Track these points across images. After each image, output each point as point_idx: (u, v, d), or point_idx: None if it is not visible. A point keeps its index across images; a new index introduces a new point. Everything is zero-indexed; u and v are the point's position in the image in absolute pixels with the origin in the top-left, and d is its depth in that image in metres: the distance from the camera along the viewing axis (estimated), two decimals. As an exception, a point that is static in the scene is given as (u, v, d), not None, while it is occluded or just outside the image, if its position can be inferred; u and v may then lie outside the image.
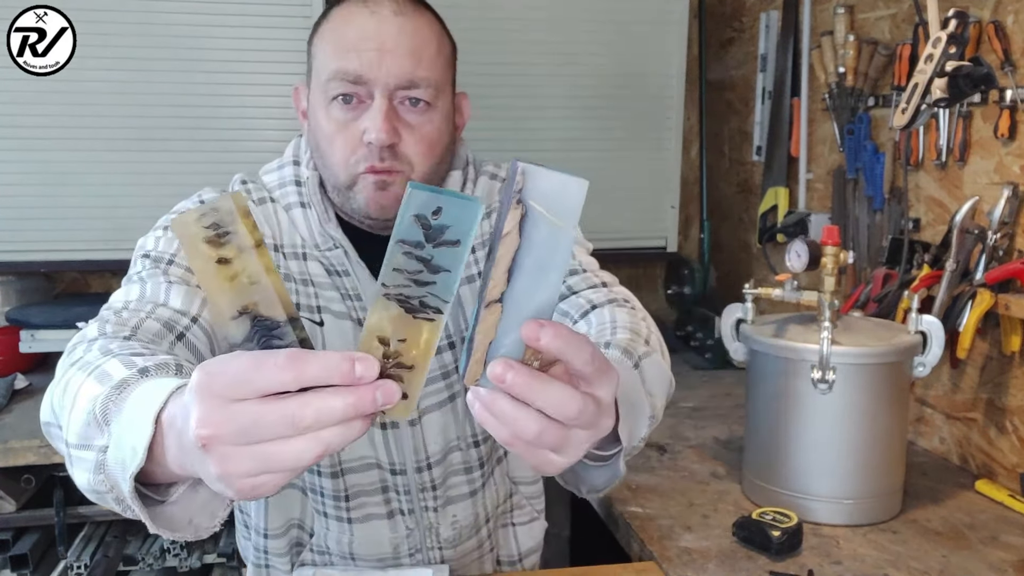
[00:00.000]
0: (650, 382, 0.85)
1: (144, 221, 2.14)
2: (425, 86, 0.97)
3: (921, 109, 1.41)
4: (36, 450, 1.73)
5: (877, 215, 1.84)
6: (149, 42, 2.09)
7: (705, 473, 1.60)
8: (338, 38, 0.97)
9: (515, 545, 1.32)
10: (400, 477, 1.11)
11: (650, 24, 2.38)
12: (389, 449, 1.10)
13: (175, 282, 0.94)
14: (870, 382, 1.37)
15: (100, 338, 0.81)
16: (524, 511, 1.32)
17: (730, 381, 2.17)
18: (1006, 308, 1.45)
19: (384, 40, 0.95)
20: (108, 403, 0.65)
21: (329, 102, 0.98)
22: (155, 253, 1.01)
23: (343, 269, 1.04)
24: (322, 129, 1.00)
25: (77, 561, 1.85)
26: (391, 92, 0.96)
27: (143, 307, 0.89)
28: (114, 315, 0.88)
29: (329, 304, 1.04)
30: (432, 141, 1.00)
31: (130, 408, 0.63)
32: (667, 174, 2.48)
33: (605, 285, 1.09)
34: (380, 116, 0.95)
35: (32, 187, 2.09)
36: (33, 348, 1.98)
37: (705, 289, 2.48)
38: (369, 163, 0.97)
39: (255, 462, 0.53)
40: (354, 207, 1.01)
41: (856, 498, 1.39)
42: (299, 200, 1.05)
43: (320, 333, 1.03)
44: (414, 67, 0.96)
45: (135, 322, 0.86)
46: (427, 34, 0.98)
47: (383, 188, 0.98)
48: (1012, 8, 1.49)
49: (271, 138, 2.20)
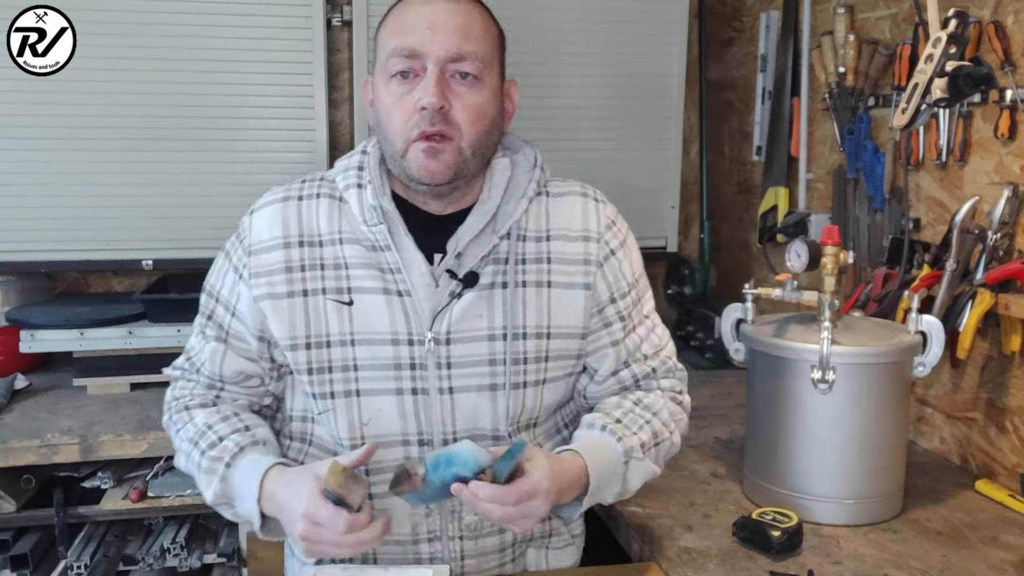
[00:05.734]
0: (631, 478, 1.16)
1: (144, 221, 2.16)
2: (472, 59, 1.09)
3: (921, 109, 1.41)
4: (36, 450, 1.73)
5: (877, 215, 1.84)
6: (149, 42, 2.09)
7: (705, 473, 1.60)
8: (396, 23, 1.11)
9: (545, 565, 1.29)
10: (427, 448, 1.15)
11: (650, 24, 2.38)
12: (419, 419, 1.15)
13: (229, 345, 1.20)
14: (870, 382, 1.37)
15: (192, 410, 1.21)
16: (561, 537, 1.29)
17: (730, 381, 2.17)
18: (1006, 308, 1.45)
19: (435, 20, 1.08)
20: (224, 493, 1.13)
21: (389, 79, 1.10)
22: (208, 287, 1.24)
23: (385, 244, 1.13)
24: (383, 104, 1.11)
25: (77, 561, 1.85)
26: (442, 64, 1.07)
27: (210, 373, 1.22)
28: (195, 376, 1.24)
29: (361, 283, 1.14)
30: (480, 111, 1.10)
31: (238, 491, 1.11)
32: (667, 174, 2.48)
33: (660, 353, 1.26)
34: (432, 83, 1.06)
35: (32, 187, 2.09)
36: (33, 348, 1.98)
37: (705, 289, 2.48)
38: (421, 128, 1.07)
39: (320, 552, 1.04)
40: (409, 174, 1.11)
41: (856, 498, 1.39)
42: (356, 182, 1.16)
43: (348, 312, 1.13)
44: (461, 42, 1.08)
45: (214, 394, 1.23)
46: (474, 17, 1.12)
47: (433, 156, 1.08)
48: (1012, 8, 1.49)
49: (271, 138, 2.20)
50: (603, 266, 1.19)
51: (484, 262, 1.14)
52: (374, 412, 1.14)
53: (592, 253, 1.19)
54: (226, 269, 1.20)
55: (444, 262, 1.13)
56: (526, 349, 1.15)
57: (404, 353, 1.13)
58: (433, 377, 1.14)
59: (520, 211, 1.16)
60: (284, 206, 1.17)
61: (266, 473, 1.07)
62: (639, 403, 1.22)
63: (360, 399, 1.14)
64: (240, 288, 1.17)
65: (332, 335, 1.14)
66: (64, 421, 1.83)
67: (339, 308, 1.13)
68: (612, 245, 1.21)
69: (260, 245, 1.16)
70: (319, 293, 1.14)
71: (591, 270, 1.18)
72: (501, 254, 1.15)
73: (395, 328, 1.13)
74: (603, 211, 1.22)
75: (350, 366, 1.14)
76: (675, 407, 1.25)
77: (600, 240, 1.19)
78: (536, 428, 1.23)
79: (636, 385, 1.25)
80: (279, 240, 1.15)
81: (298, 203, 1.17)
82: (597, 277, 1.19)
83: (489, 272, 1.14)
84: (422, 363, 1.13)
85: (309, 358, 1.14)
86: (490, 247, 1.14)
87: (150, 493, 1.86)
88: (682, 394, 1.29)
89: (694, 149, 2.63)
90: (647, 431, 1.18)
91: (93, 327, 1.99)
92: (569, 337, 1.19)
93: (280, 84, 2.18)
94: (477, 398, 1.15)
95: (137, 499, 1.85)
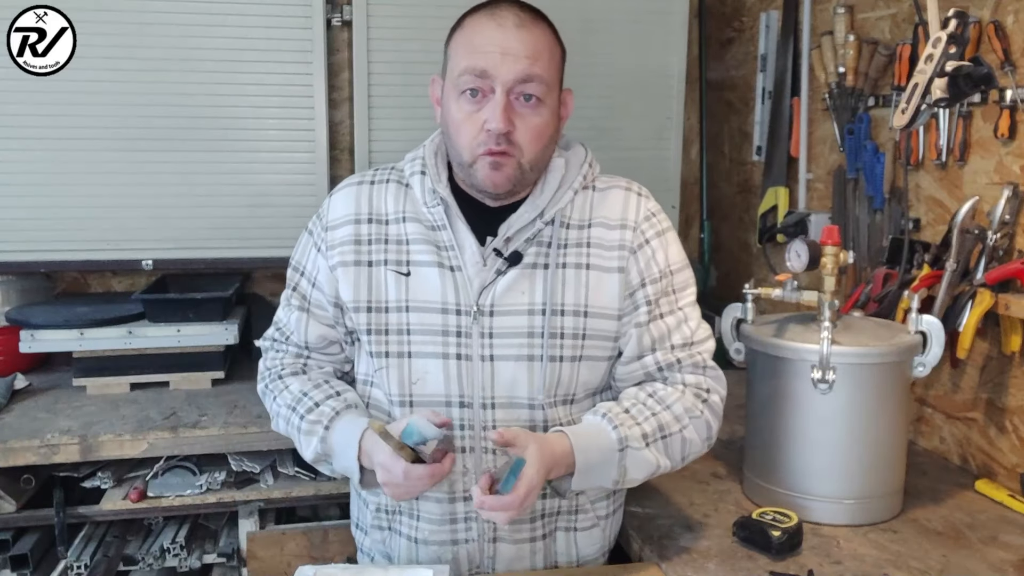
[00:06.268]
0: (629, 467, 1.21)
1: (144, 221, 2.16)
2: (538, 82, 1.19)
3: (921, 109, 1.41)
4: (36, 450, 1.73)
5: (877, 215, 1.84)
6: (149, 42, 2.09)
7: (705, 473, 1.60)
8: (469, 42, 1.20)
9: (575, 551, 1.34)
10: (467, 410, 1.26)
11: (650, 24, 2.37)
12: (461, 382, 1.25)
13: (311, 314, 1.34)
14: (870, 382, 1.37)
15: (286, 378, 1.35)
16: (587, 516, 1.34)
17: (730, 381, 2.14)
18: (1006, 308, 1.45)
19: (507, 45, 1.17)
20: (324, 452, 1.27)
21: (459, 95, 1.20)
22: (294, 262, 1.36)
23: (442, 224, 1.25)
24: (452, 117, 1.21)
25: (77, 561, 1.85)
26: (509, 87, 1.17)
27: (298, 340, 1.36)
28: (284, 347, 1.38)
29: (419, 256, 1.26)
30: (540, 132, 1.21)
31: (338, 450, 1.25)
32: (667, 174, 2.47)
33: (689, 346, 1.30)
34: (499, 109, 1.16)
35: (32, 187, 2.09)
36: (33, 348, 1.98)
37: (705, 289, 2.48)
38: (487, 147, 1.18)
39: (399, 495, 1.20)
40: (474, 181, 1.23)
41: (856, 498, 1.39)
42: (420, 169, 1.29)
43: (405, 282, 1.26)
44: (529, 67, 1.17)
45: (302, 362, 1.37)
46: (542, 43, 1.21)
47: (497, 168, 1.19)
48: (1012, 8, 1.49)
49: (270, 138, 2.20)
50: (636, 253, 1.28)
51: (528, 244, 1.25)
52: (422, 373, 1.26)
53: (628, 240, 1.28)
54: (309, 245, 1.34)
55: (494, 243, 1.24)
56: (563, 325, 1.25)
57: (452, 321, 1.25)
58: (476, 345, 1.24)
59: (565, 200, 1.26)
60: (359, 188, 1.32)
61: (363, 434, 1.22)
62: (653, 395, 1.27)
63: (411, 360, 1.26)
64: (319, 261, 1.31)
65: (390, 301, 1.27)
66: (64, 421, 1.83)
67: (398, 278, 1.26)
68: (648, 235, 1.29)
69: (336, 221, 1.30)
70: (382, 264, 1.27)
71: (625, 255, 1.27)
72: (545, 238, 1.26)
73: (445, 299, 1.25)
74: (644, 204, 1.31)
75: (404, 330, 1.26)
76: (694, 403, 1.27)
77: (637, 229, 1.28)
78: (573, 405, 1.29)
79: (659, 372, 1.29)
80: (351, 216, 1.29)
81: (370, 187, 1.32)
82: (630, 262, 1.27)
83: (532, 253, 1.25)
84: (467, 331, 1.25)
85: (369, 320, 1.28)
86: (535, 231, 1.25)
87: (150, 493, 1.86)
88: (710, 393, 1.30)
89: (694, 149, 2.63)
90: (652, 423, 1.23)
91: (93, 327, 1.99)
92: (606, 318, 1.27)
93: (280, 84, 2.17)
94: (515, 367, 1.25)
95: (137, 499, 1.85)
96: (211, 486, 1.87)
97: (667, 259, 1.29)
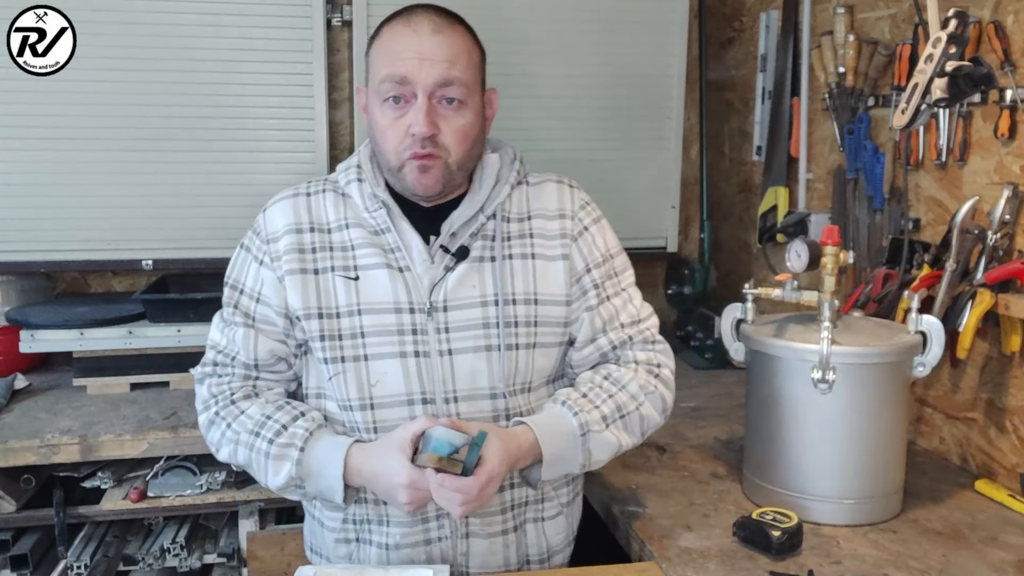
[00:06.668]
0: (593, 450, 1.26)
1: (144, 221, 2.16)
2: (458, 85, 1.20)
3: (921, 109, 1.41)
4: (36, 450, 1.73)
5: (877, 215, 1.84)
6: (149, 42, 2.09)
7: (705, 473, 1.60)
8: (388, 50, 1.22)
9: (544, 541, 1.36)
10: (430, 406, 1.26)
11: (650, 24, 2.38)
12: (421, 379, 1.26)
13: (258, 330, 1.30)
14: (870, 382, 1.37)
15: (239, 403, 1.29)
16: (553, 504, 1.36)
17: (730, 381, 2.17)
18: (1006, 308, 1.45)
19: (424, 50, 1.19)
20: (299, 475, 1.23)
21: (382, 103, 1.22)
22: (231, 281, 1.34)
23: (385, 226, 1.27)
24: (377, 123, 1.24)
25: (77, 561, 1.85)
26: (430, 91, 1.19)
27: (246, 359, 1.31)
28: (230, 369, 1.32)
29: (366, 260, 1.27)
30: (464, 133, 1.23)
31: (316, 471, 1.22)
32: (667, 174, 2.48)
33: (637, 323, 1.35)
34: (422, 113, 1.19)
35: (32, 187, 2.09)
36: (33, 348, 1.99)
37: (705, 289, 2.48)
38: (413, 150, 1.21)
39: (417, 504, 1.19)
40: (404, 185, 1.25)
41: (856, 498, 1.39)
42: (357, 177, 1.31)
43: (355, 286, 1.27)
44: (448, 70, 1.19)
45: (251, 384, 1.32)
46: (459, 46, 1.22)
47: (425, 171, 1.22)
48: (1012, 8, 1.49)
49: (270, 138, 2.20)
50: (578, 240, 1.33)
51: (474, 239, 1.28)
52: (380, 375, 1.26)
53: (568, 228, 1.33)
54: (248, 261, 1.32)
55: (439, 240, 1.26)
56: (516, 313, 1.28)
57: (406, 320, 1.25)
58: (433, 341, 1.26)
59: (504, 195, 1.30)
60: (295, 200, 1.32)
61: (348, 451, 1.21)
62: (608, 377, 1.31)
63: (368, 363, 1.26)
64: (263, 274, 1.30)
65: (341, 307, 1.27)
66: (64, 421, 1.83)
67: (347, 283, 1.27)
68: (586, 222, 1.35)
69: (276, 233, 1.29)
70: (328, 271, 1.27)
71: (567, 243, 1.32)
72: (489, 232, 1.29)
73: (397, 298, 1.26)
74: (578, 195, 1.37)
75: (358, 333, 1.26)
76: (647, 379, 1.32)
77: (575, 217, 1.34)
78: (531, 393, 1.32)
79: (613, 351, 1.34)
80: (292, 227, 1.29)
81: (307, 198, 1.32)
82: (573, 249, 1.33)
83: (478, 247, 1.28)
84: (423, 329, 1.26)
85: (321, 327, 1.27)
86: (478, 225, 1.28)
87: (150, 493, 1.86)
88: (661, 367, 1.35)
89: (694, 149, 2.63)
90: (610, 404, 1.28)
91: (93, 327, 1.99)
92: (555, 304, 1.31)
93: (280, 84, 2.18)
94: (474, 359, 1.26)
95: (137, 499, 1.85)
96: (211, 486, 1.88)
97: (606, 244, 1.36)
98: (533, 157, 2.44)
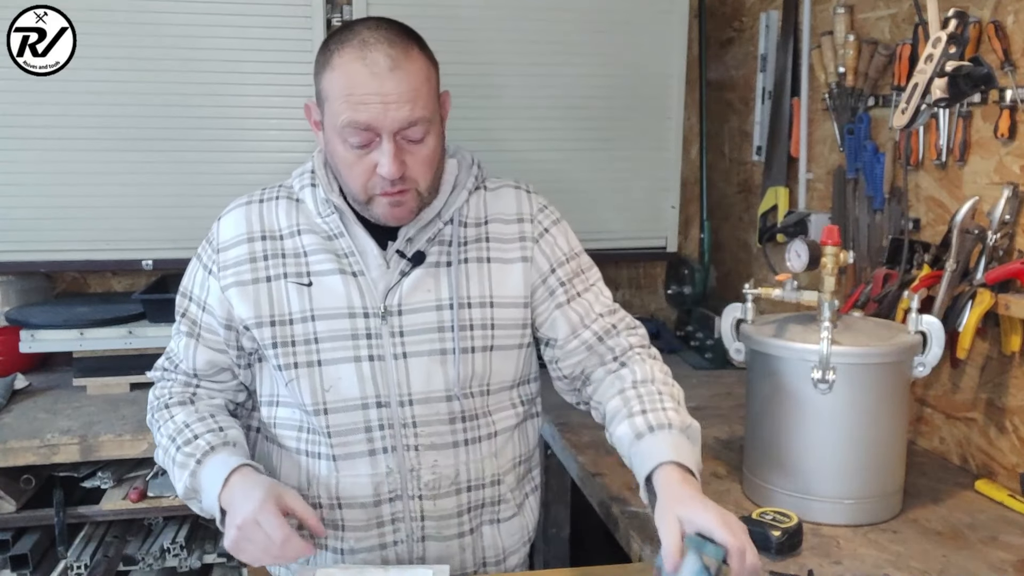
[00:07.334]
0: (694, 439, 1.21)
1: (143, 221, 2.16)
2: (422, 122, 1.18)
3: (921, 109, 1.41)
4: (36, 450, 1.73)
5: (877, 215, 1.84)
6: (149, 42, 2.09)
7: (705, 473, 1.59)
8: (347, 92, 1.15)
9: (500, 543, 1.36)
10: (384, 410, 1.26)
11: (650, 24, 2.38)
12: (376, 382, 1.25)
13: (200, 339, 1.31)
14: (870, 382, 1.37)
15: (172, 407, 1.30)
16: (508, 505, 1.36)
17: (730, 381, 2.17)
18: (1006, 308, 1.45)
19: (385, 92, 1.14)
20: (192, 487, 1.22)
21: (344, 141, 1.18)
22: (183, 288, 1.34)
23: (339, 232, 1.26)
24: (341, 157, 1.20)
25: (77, 561, 1.85)
26: (395, 132, 1.16)
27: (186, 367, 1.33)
28: (173, 376, 1.34)
29: (319, 266, 1.26)
30: (431, 160, 1.22)
31: (204, 487, 1.20)
32: (667, 174, 2.48)
33: (614, 312, 1.36)
34: (389, 157, 1.16)
35: (32, 187, 2.09)
36: (33, 348, 1.99)
37: (705, 289, 2.48)
38: (383, 189, 1.19)
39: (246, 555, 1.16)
40: (373, 216, 1.24)
41: (856, 498, 1.39)
42: (310, 182, 1.30)
43: (308, 292, 1.25)
44: (411, 111, 1.16)
45: (191, 391, 1.33)
46: (418, 78, 1.17)
47: (398, 206, 1.21)
48: (1012, 8, 1.49)
49: (270, 137, 2.20)
50: (539, 241, 1.33)
51: (430, 244, 1.27)
52: (334, 380, 1.25)
53: (527, 231, 1.32)
54: (197, 269, 1.32)
55: (396, 245, 1.26)
56: (472, 317, 1.27)
57: (360, 325, 1.25)
58: (388, 344, 1.25)
59: (461, 200, 1.29)
60: (247, 208, 1.31)
61: (232, 472, 1.18)
62: (636, 385, 1.27)
63: (322, 368, 1.25)
64: (210, 283, 1.29)
65: (294, 313, 1.26)
66: (64, 421, 1.83)
67: (299, 289, 1.26)
68: (545, 224, 1.34)
69: (226, 243, 1.28)
70: (281, 278, 1.26)
71: (528, 245, 1.32)
72: (445, 237, 1.29)
73: (351, 303, 1.25)
74: (535, 199, 1.36)
75: (311, 339, 1.25)
76: (654, 362, 1.33)
77: (534, 220, 1.33)
78: (489, 397, 1.32)
79: (600, 342, 1.32)
80: (243, 236, 1.28)
81: (260, 205, 1.31)
82: (535, 251, 1.32)
83: (435, 252, 1.28)
84: (377, 333, 1.25)
85: (273, 334, 1.26)
86: (435, 231, 1.27)
87: (150, 493, 1.86)
88: (650, 347, 1.36)
89: (694, 149, 2.63)
90: (669, 400, 1.25)
91: (93, 327, 1.99)
92: (512, 306, 1.31)
93: (280, 84, 2.17)
94: (429, 362, 1.26)
95: (137, 499, 1.85)
96: (211, 486, 1.87)
97: (568, 244, 1.35)
98: (533, 157, 2.44)
